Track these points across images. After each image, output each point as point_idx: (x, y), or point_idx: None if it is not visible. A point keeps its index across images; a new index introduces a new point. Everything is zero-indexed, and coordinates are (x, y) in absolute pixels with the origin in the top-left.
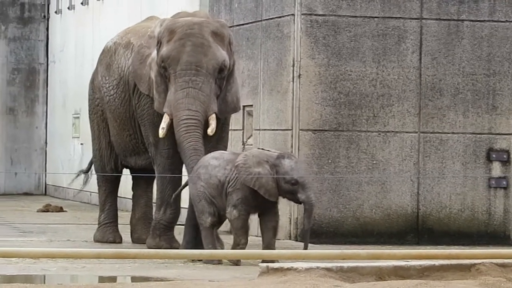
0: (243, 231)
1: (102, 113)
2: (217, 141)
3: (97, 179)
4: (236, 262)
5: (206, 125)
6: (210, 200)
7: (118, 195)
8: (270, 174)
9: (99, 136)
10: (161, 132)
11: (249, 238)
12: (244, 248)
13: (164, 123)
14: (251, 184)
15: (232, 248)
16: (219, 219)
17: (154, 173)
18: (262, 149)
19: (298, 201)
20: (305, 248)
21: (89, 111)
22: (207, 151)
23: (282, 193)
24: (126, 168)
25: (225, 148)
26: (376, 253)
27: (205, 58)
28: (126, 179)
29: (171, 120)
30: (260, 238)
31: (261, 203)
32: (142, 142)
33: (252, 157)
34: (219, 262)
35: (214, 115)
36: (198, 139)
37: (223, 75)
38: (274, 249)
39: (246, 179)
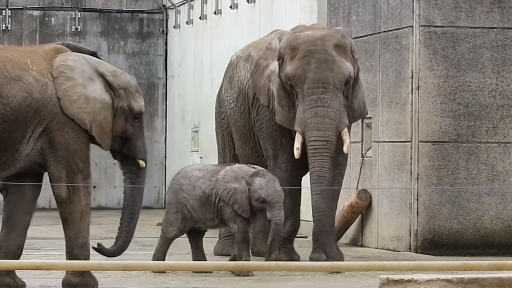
0: (246, 244)
1: (227, 127)
2: (337, 154)
3: None
4: (243, 274)
5: (340, 140)
6: (189, 213)
7: None
8: (244, 191)
9: (224, 149)
10: (296, 153)
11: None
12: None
13: (298, 143)
14: (226, 199)
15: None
16: (185, 232)
17: None
18: (249, 165)
19: (267, 220)
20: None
21: (216, 124)
22: None
23: (254, 210)
24: None
25: (345, 161)
26: (498, 263)
27: (331, 73)
28: None
29: (304, 138)
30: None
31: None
32: (263, 156)
33: (231, 172)
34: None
35: (346, 129)
36: (323, 164)
37: (349, 86)
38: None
39: (222, 194)
